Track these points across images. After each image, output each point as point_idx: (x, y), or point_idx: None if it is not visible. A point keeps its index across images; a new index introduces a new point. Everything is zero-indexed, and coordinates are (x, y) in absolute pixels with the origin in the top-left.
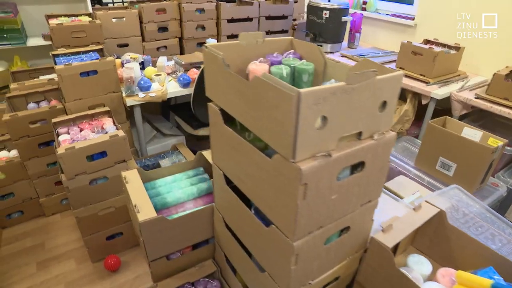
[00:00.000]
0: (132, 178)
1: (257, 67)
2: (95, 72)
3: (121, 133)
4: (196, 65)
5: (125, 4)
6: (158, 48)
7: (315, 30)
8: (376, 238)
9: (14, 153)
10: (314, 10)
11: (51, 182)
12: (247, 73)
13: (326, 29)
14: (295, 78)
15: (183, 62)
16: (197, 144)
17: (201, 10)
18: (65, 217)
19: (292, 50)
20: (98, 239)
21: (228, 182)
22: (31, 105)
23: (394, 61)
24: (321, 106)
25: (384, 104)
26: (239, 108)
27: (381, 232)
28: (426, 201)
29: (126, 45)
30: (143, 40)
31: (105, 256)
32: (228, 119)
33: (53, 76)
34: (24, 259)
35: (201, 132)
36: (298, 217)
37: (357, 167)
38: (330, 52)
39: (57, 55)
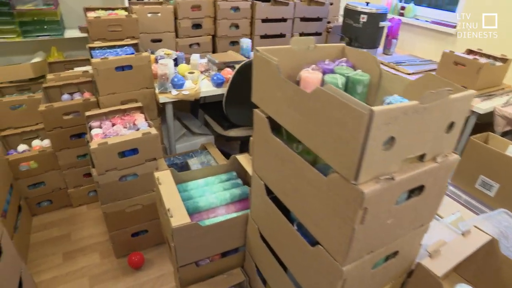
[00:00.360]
0: (165, 179)
1: (310, 75)
2: (130, 67)
3: (153, 131)
4: (230, 65)
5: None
6: (190, 45)
7: (351, 34)
8: (424, 264)
9: (46, 142)
10: (351, 13)
11: (80, 173)
12: (297, 80)
13: (363, 33)
14: (347, 88)
15: (217, 61)
16: (226, 144)
17: (236, 9)
18: (91, 209)
19: (344, 58)
20: (124, 235)
21: (268, 192)
22: (65, 96)
23: (433, 70)
24: (391, 126)
25: (451, 125)
26: (292, 119)
27: (428, 258)
28: (476, 227)
29: (160, 40)
30: (177, 36)
31: (129, 252)
32: (274, 128)
33: (87, 68)
34: (51, 248)
35: (232, 133)
36: (354, 242)
37: (414, 190)
38: None
39: (93, 48)
